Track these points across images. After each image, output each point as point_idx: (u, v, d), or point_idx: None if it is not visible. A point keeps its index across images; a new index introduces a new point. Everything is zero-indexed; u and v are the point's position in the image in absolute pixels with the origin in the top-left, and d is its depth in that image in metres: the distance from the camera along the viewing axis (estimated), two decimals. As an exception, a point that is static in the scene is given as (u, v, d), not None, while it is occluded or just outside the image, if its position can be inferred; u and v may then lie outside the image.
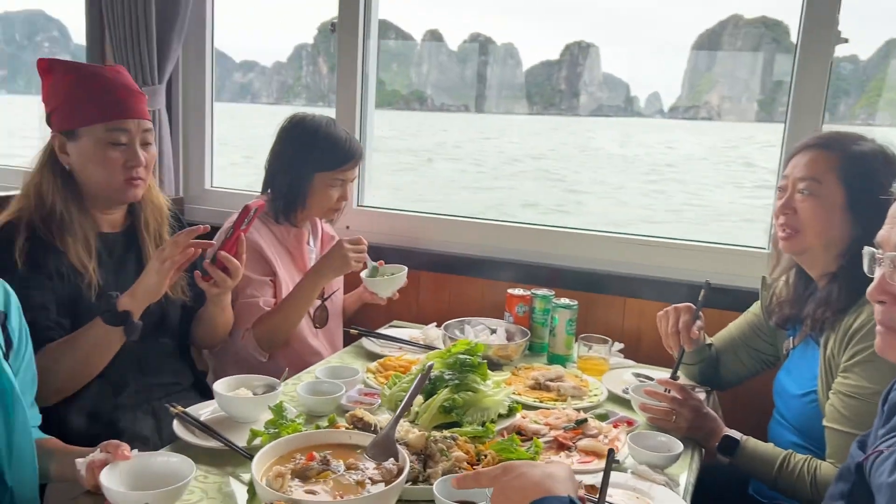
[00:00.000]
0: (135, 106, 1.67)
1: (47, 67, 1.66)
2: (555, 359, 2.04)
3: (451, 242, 2.52)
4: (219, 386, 1.53)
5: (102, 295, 1.62)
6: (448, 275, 2.49)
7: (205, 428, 1.46)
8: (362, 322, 2.33)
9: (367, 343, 2.09)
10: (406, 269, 2.17)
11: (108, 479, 1.13)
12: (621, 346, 2.16)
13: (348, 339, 2.23)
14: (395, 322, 2.37)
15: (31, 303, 1.52)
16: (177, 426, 1.47)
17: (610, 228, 2.46)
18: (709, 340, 1.89)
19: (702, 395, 1.79)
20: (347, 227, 2.62)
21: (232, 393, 1.51)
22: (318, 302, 2.20)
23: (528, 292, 2.13)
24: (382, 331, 2.22)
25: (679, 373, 1.79)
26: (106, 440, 1.30)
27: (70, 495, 1.28)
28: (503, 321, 2.12)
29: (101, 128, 1.63)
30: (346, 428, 1.41)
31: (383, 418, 1.49)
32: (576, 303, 2.06)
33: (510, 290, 2.14)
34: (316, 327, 2.22)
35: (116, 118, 1.63)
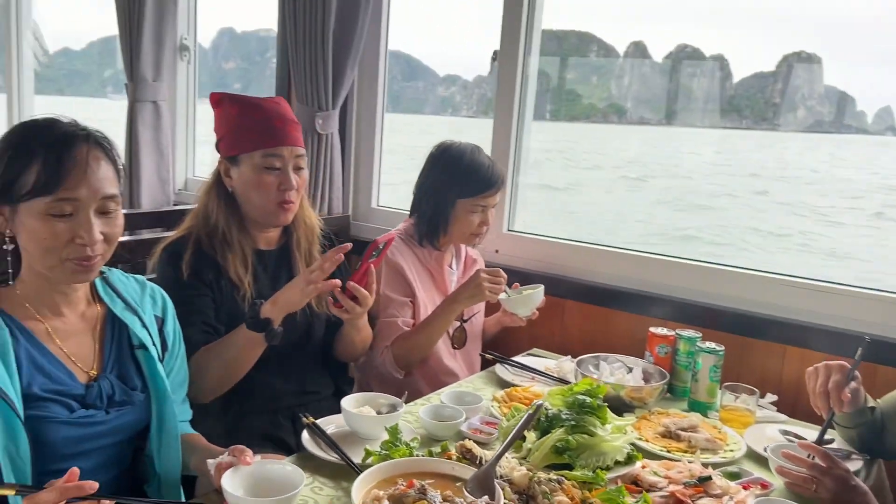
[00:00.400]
0: (289, 134, 1.83)
1: (217, 100, 1.87)
2: (695, 405, 1.92)
3: (600, 273, 2.46)
4: (346, 402, 1.62)
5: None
6: (595, 306, 2.44)
7: (329, 441, 1.55)
8: (504, 346, 2.35)
9: (500, 370, 2.10)
10: (542, 287, 2.16)
11: (228, 483, 1.24)
12: (775, 398, 1.99)
13: (485, 363, 2.26)
14: (535, 350, 2.36)
15: (192, 307, 1.72)
16: (305, 436, 1.57)
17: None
18: (872, 402, 1.69)
19: (857, 464, 1.60)
20: (497, 251, 2.65)
21: (356, 410, 1.59)
22: (458, 323, 2.26)
23: (672, 332, 2.03)
24: (520, 358, 2.22)
25: (835, 436, 1.62)
26: (247, 440, 1.43)
27: (212, 489, 1.41)
28: (643, 360, 2.04)
29: (258, 154, 1.80)
30: (457, 458, 1.44)
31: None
32: (722, 348, 1.93)
33: (652, 329, 2.05)
34: (454, 348, 2.27)
35: (272, 145, 1.80)
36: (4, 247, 1.31)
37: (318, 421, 1.62)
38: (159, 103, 3.40)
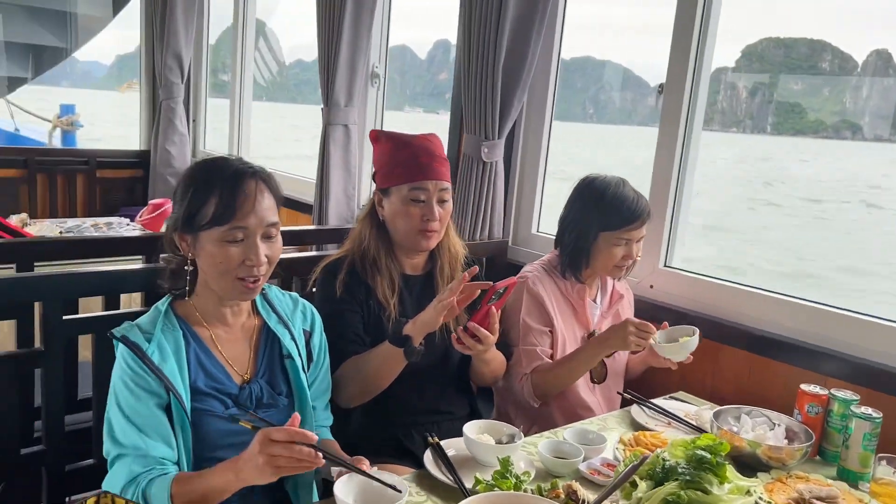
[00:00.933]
0: (435, 169, 1.97)
1: (375, 137, 2.07)
2: (845, 474, 1.78)
3: (761, 319, 2.33)
4: (468, 427, 1.70)
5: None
6: (753, 354, 2.31)
7: (448, 463, 1.65)
8: (650, 386, 2.31)
9: (636, 411, 2.07)
10: (698, 331, 2.09)
11: (340, 490, 1.38)
12: (944, 477, 1.78)
13: (623, 402, 2.24)
14: (680, 393, 2.30)
15: (344, 320, 1.93)
16: (427, 455, 1.68)
17: None
18: None
19: None
20: (651, 287, 2.60)
21: (476, 437, 1.67)
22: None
23: (826, 392, 1.89)
24: (661, 401, 2.17)
25: None
26: (381, 449, 1.58)
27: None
28: (790, 417, 1.91)
29: (406, 187, 1.96)
30: (564, 498, 1.47)
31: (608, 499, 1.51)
32: (880, 415, 1.76)
33: (804, 387, 1.92)
34: (593, 382, 2.28)
35: (418, 179, 1.95)
36: (186, 267, 1.57)
37: (444, 442, 1.73)
38: (349, 126, 3.72)
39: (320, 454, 1.30)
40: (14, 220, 3.74)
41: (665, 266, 2.61)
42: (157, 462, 1.44)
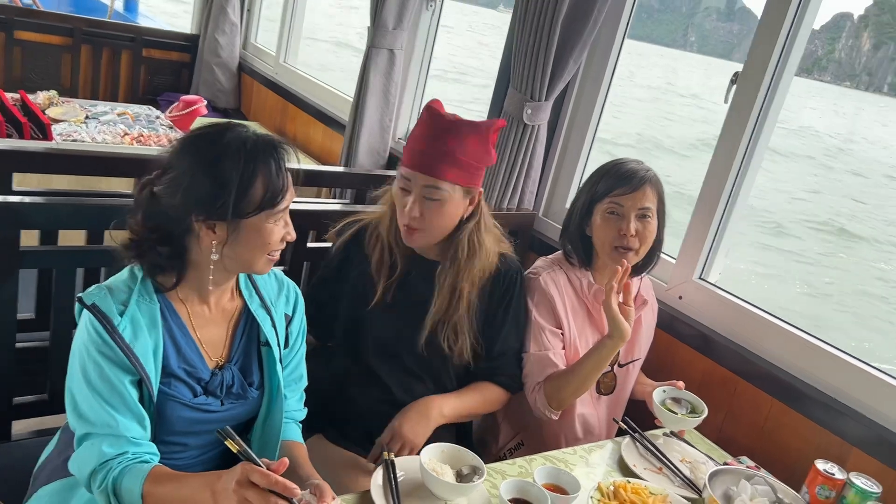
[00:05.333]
0: (424, 162, 1.73)
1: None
2: (844, 574, 1.57)
3: (791, 363, 2.08)
4: (426, 455, 1.53)
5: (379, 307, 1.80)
6: (772, 397, 2.07)
7: (395, 490, 1.48)
8: (646, 412, 2.10)
9: (627, 446, 1.87)
10: (706, 411, 1.90)
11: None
12: None
13: (619, 431, 2.03)
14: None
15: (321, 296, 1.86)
16: (376, 476, 1.52)
17: None
18: None
19: None
20: (680, 297, 2.35)
21: (432, 469, 1.49)
22: (609, 368, 2.05)
23: (844, 476, 1.66)
24: (660, 435, 1.97)
25: None
26: (359, 440, 1.59)
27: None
28: (796, 494, 1.69)
29: (399, 170, 1.78)
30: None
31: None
32: (898, 522, 1.54)
33: (819, 464, 1.69)
34: (600, 393, 2.08)
35: (405, 165, 1.76)
36: (213, 256, 1.37)
37: (400, 460, 1.57)
38: (395, 52, 3.43)
39: None
40: (40, 98, 3.60)
41: (700, 279, 2.34)
42: (130, 443, 1.31)
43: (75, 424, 1.31)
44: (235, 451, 1.22)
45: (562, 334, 2.01)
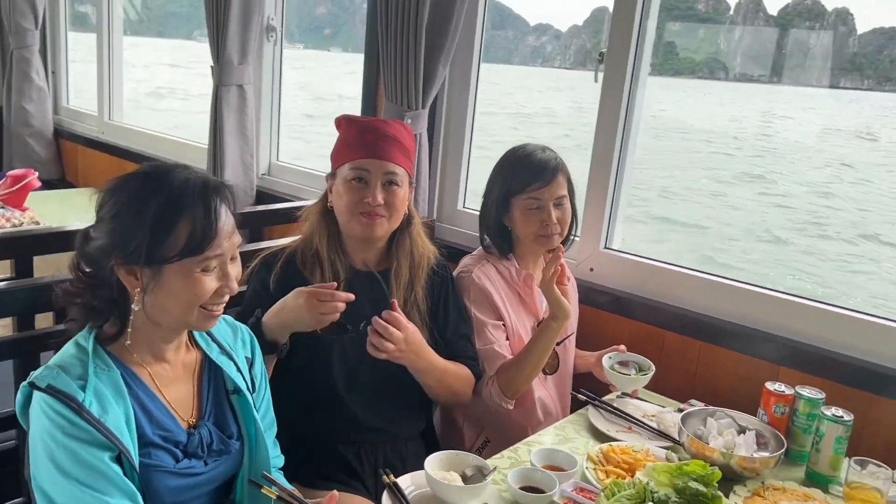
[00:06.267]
0: (381, 148, 1.76)
1: (338, 124, 1.87)
2: (815, 477, 1.72)
3: (706, 305, 2.25)
4: (430, 464, 1.50)
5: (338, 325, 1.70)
6: (698, 340, 2.23)
7: (409, 507, 1.44)
8: (593, 384, 2.18)
9: (594, 415, 1.94)
10: (653, 367, 2.00)
11: None
12: (907, 473, 1.76)
13: (576, 403, 2.10)
14: (629, 387, 2.19)
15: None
16: (385, 498, 1.47)
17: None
18: None
19: None
20: (591, 269, 2.47)
21: (440, 476, 1.47)
22: None
23: (791, 391, 1.82)
24: (615, 399, 2.06)
25: None
26: (329, 468, 1.36)
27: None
28: (755, 419, 1.84)
29: (346, 166, 1.78)
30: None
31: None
32: (851, 418, 1.71)
33: (768, 385, 1.84)
34: (545, 374, 2.12)
35: (357, 157, 1.76)
36: (133, 305, 1.24)
37: (401, 479, 1.52)
38: (245, 87, 3.32)
39: None
40: None
41: (605, 248, 2.47)
42: None
43: None
44: (275, 497, 1.12)
45: (503, 325, 2.04)
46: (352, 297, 1.61)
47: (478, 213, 2.76)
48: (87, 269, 1.26)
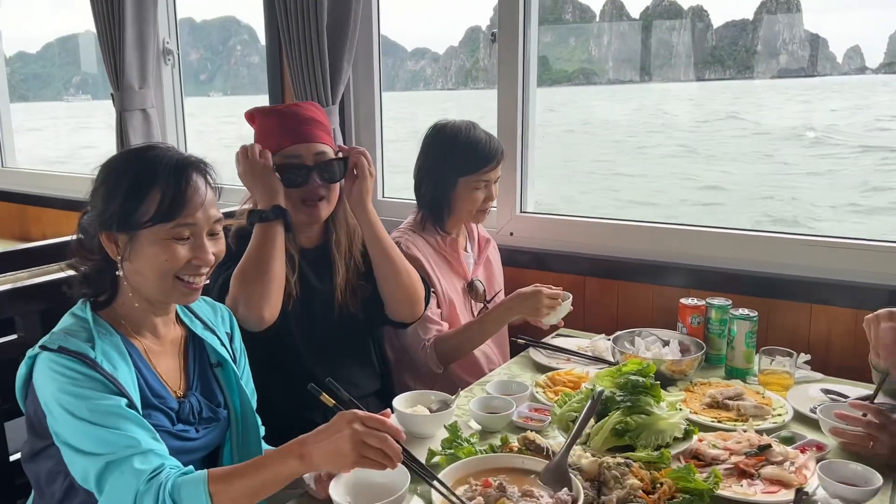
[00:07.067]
0: (306, 132, 1.83)
1: (249, 116, 1.91)
2: (733, 372, 1.95)
3: (617, 247, 2.47)
4: (398, 402, 1.62)
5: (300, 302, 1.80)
6: (615, 280, 2.45)
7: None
8: (529, 330, 2.35)
9: (535, 354, 2.11)
10: (571, 297, 2.16)
11: (336, 492, 1.26)
12: (807, 357, 2.01)
13: (514, 348, 2.26)
14: (561, 331, 2.36)
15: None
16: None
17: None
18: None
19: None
20: (511, 234, 2.65)
21: (410, 410, 1.59)
22: (481, 305, 2.26)
23: (703, 302, 2.04)
24: (549, 340, 2.23)
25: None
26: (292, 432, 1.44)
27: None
28: (676, 332, 2.05)
29: (278, 156, 1.82)
30: (518, 449, 1.44)
31: (554, 441, 1.51)
32: (756, 314, 1.95)
33: (683, 300, 2.06)
34: None
35: (286, 146, 1.82)
36: (118, 272, 1.32)
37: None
38: (148, 111, 3.34)
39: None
40: None
41: (522, 212, 2.66)
42: (160, 456, 1.20)
43: (87, 466, 1.17)
44: (332, 405, 1.26)
45: (434, 292, 2.17)
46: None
47: (397, 200, 2.91)
48: (83, 240, 1.35)
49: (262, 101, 3.01)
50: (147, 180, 1.29)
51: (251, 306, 1.68)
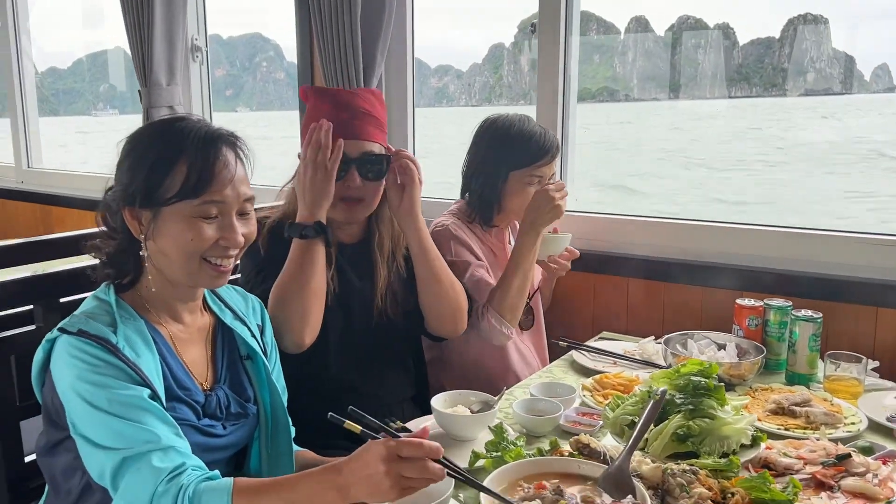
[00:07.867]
0: (356, 127, 1.70)
1: (303, 94, 1.80)
2: (795, 378, 1.80)
3: (662, 246, 2.34)
4: (436, 402, 1.50)
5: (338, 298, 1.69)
6: (661, 282, 2.31)
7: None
8: (567, 332, 2.22)
9: (578, 356, 1.98)
10: (570, 235, 2.10)
11: None
12: (875, 363, 1.87)
13: (553, 352, 2.13)
14: (604, 334, 2.24)
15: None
16: None
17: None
18: None
19: None
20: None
21: (450, 410, 1.47)
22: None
23: (761, 303, 1.90)
24: (592, 343, 2.10)
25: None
26: (335, 439, 1.38)
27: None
28: (731, 335, 1.91)
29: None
30: (570, 454, 1.32)
31: (607, 444, 1.38)
32: (820, 315, 1.80)
33: (739, 301, 1.92)
34: (521, 329, 2.15)
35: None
36: (142, 252, 1.22)
37: (409, 424, 1.51)
38: (175, 108, 3.27)
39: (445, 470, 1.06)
40: None
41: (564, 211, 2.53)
42: (182, 455, 1.10)
43: (103, 461, 1.07)
44: (358, 433, 1.10)
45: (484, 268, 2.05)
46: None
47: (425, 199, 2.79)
48: (107, 218, 1.25)
49: (291, 116, 2.92)
50: (173, 153, 1.19)
51: (291, 329, 1.57)
